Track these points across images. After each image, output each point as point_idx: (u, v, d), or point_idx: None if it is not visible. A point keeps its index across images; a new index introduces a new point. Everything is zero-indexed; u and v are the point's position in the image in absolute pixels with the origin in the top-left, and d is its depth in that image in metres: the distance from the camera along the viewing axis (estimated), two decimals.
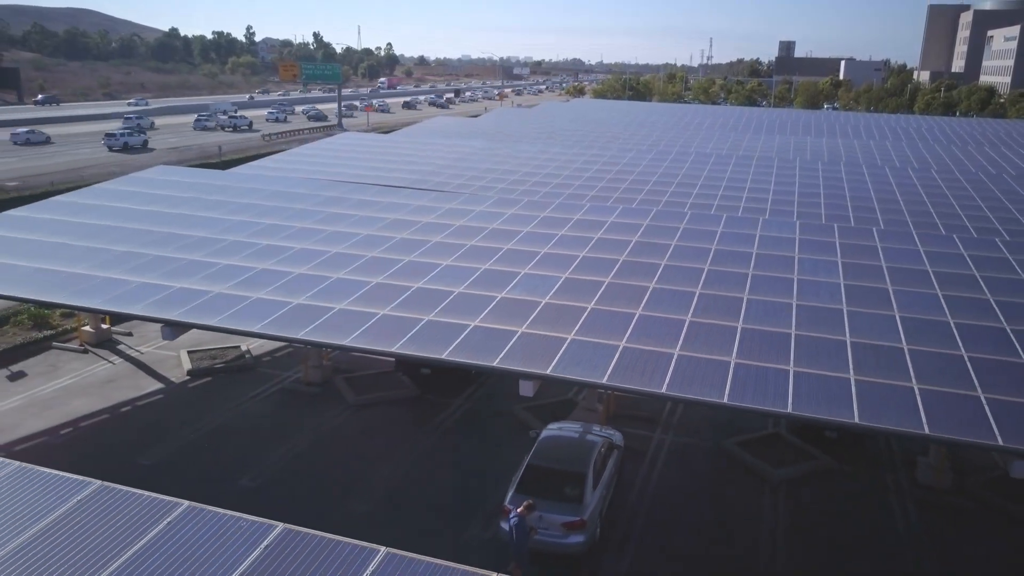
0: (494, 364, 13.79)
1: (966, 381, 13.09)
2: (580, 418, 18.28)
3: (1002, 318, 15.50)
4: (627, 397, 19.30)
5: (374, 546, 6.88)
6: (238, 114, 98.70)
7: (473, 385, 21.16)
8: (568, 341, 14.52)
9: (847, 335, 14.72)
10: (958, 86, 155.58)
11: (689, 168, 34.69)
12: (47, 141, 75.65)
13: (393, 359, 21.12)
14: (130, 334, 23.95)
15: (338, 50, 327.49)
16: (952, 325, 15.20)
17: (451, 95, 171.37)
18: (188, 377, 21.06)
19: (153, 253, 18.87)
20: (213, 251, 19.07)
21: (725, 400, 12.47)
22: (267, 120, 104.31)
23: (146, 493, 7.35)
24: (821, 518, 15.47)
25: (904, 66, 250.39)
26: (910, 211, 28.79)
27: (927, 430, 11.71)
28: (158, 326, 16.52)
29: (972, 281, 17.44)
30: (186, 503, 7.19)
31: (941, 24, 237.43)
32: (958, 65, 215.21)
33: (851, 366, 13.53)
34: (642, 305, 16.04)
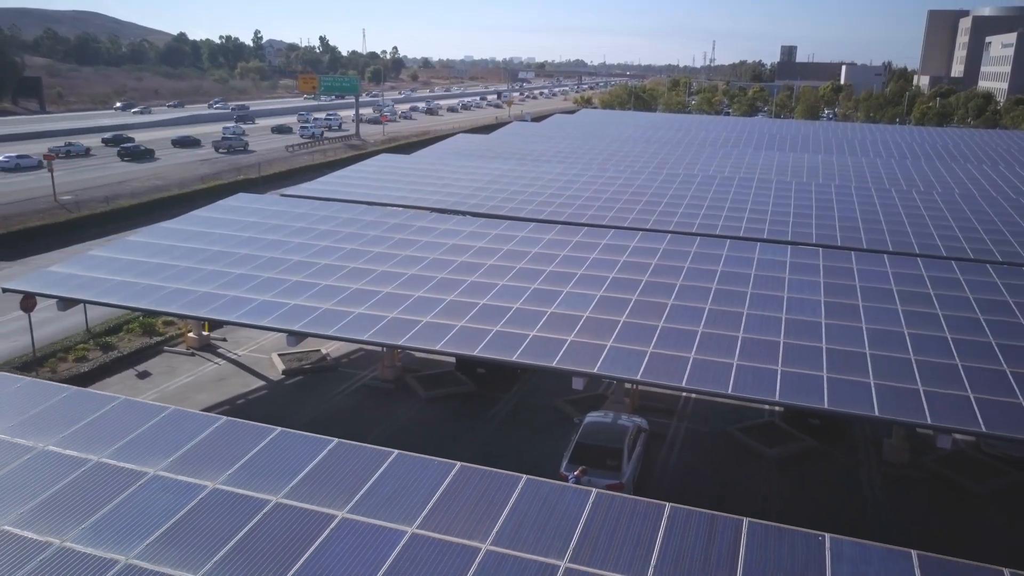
0: (553, 364, 18.13)
1: (910, 378, 17.40)
2: (611, 409, 22.57)
3: (945, 328, 19.80)
4: (649, 392, 23.58)
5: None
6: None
7: (519, 383, 25.46)
8: (608, 347, 18.85)
9: (823, 342, 19.03)
10: (956, 92, 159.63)
11: (696, 190, 38.98)
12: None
13: (453, 360, 25.55)
14: (224, 339, 28.31)
15: (344, 53, 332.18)
16: (906, 335, 19.50)
17: (453, 102, 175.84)
18: (283, 376, 25.39)
19: (263, 275, 23.23)
20: (310, 273, 23.43)
21: (729, 391, 16.80)
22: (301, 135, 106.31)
23: (364, 445, 11.60)
24: (805, 486, 19.75)
25: (905, 69, 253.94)
26: (890, 231, 33.03)
27: (876, 413, 16.02)
28: (247, 332, 20.84)
29: (927, 299, 21.73)
30: (395, 452, 11.44)
31: (941, 29, 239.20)
32: (957, 70, 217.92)
33: (824, 366, 17.85)
34: (663, 319, 20.36)
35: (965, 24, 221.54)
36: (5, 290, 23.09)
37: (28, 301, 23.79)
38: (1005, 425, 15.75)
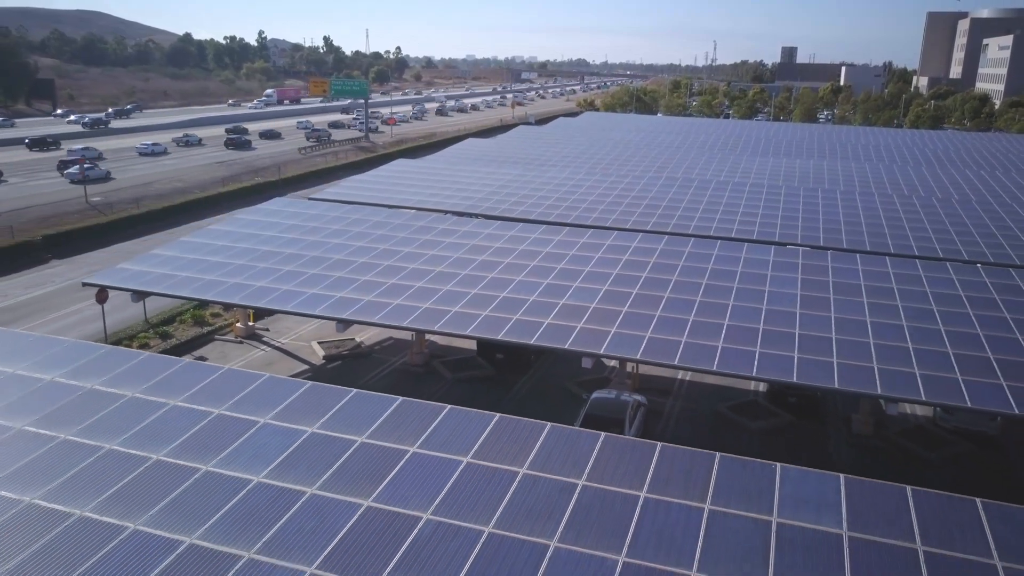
0: (565, 347, 21.36)
1: (867, 358, 20.59)
2: (615, 388, 25.76)
3: (902, 317, 22.99)
4: (647, 374, 26.77)
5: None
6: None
7: (532, 367, 28.66)
8: (612, 333, 22.06)
9: (796, 329, 22.23)
10: (954, 93, 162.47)
11: (693, 194, 42.18)
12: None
13: (475, 348, 28.76)
14: (267, 329, 31.56)
15: (347, 53, 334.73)
16: (867, 323, 22.69)
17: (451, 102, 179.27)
18: (324, 361, 28.62)
19: (309, 271, 26.47)
20: (350, 270, 26.66)
21: (714, 368, 20.01)
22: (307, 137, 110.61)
23: (424, 402, 14.75)
24: (782, 453, 22.90)
25: (905, 70, 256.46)
26: (868, 232, 36.20)
27: (836, 385, 19.22)
28: (287, 323, 23.93)
29: (890, 292, 24.92)
30: (448, 406, 14.59)
31: (940, 31, 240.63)
32: (956, 72, 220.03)
33: (796, 348, 21.04)
34: (659, 309, 23.57)
35: (964, 26, 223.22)
36: (84, 284, 26.35)
37: (101, 294, 27.06)
38: (943, 395, 18.96)
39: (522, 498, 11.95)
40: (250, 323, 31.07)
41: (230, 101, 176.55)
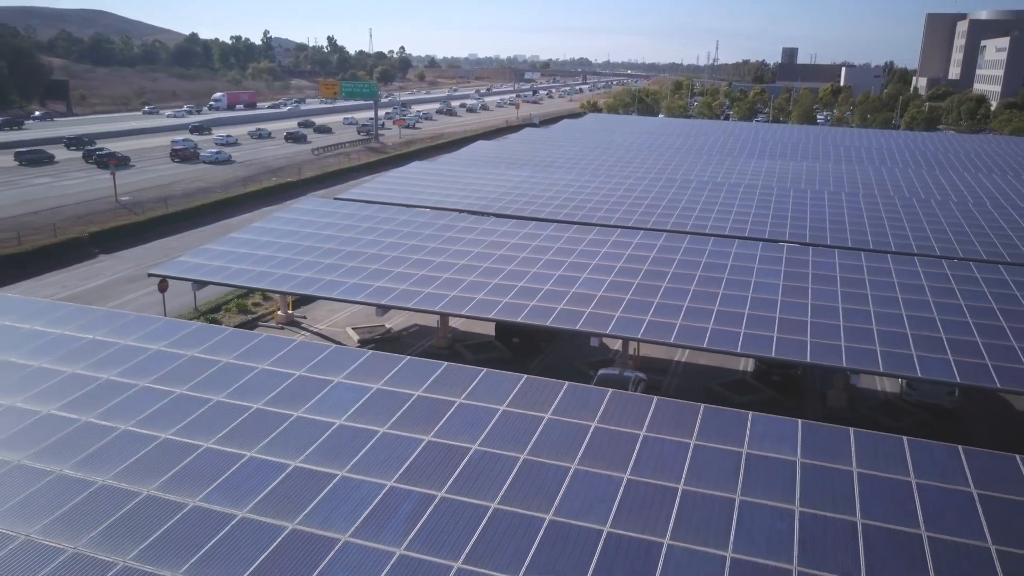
0: (576, 327, 24.70)
1: (837, 337, 23.92)
2: (618, 366, 29.09)
3: (870, 304, 26.31)
4: (647, 356, 30.08)
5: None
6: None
7: (544, 351, 32.00)
8: (616, 316, 25.41)
9: (777, 313, 25.56)
10: (952, 94, 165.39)
11: (691, 194, 45.49)
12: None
13: (493, 333, 32.10)
14: (304, 317, 34.92)
15: (351, 53, 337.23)
16: (840, 309, 26.01)
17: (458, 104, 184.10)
18: (359, 345, 31.98)
19: (348, 264, 29.84)
20: (385, 263, 30.02)
21: (704, 345, 23.34)
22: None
23: (464, 366, 18.06)
24: None
25: (905, 70, 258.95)
26: (851, 230, 39.49)
27: (808, 359, 22.56)
28: (322, 312, 27.17)
29: (862, 282, 28.23)
30: (484, 369, 17.92)
31: (939, 32, 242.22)
32: (955, 72, 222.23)
33: (775, 329, 24.38)
34: (658, 297, 26.91)
35: (962, 27, 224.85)
36: (150, 275, 29.75)
37: (163, 284, 30.44)
38: (898, 368, 22.28)
39: (548, 435, 15.29)
40: (290, 311, 34.44)
41: (146, 108, 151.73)
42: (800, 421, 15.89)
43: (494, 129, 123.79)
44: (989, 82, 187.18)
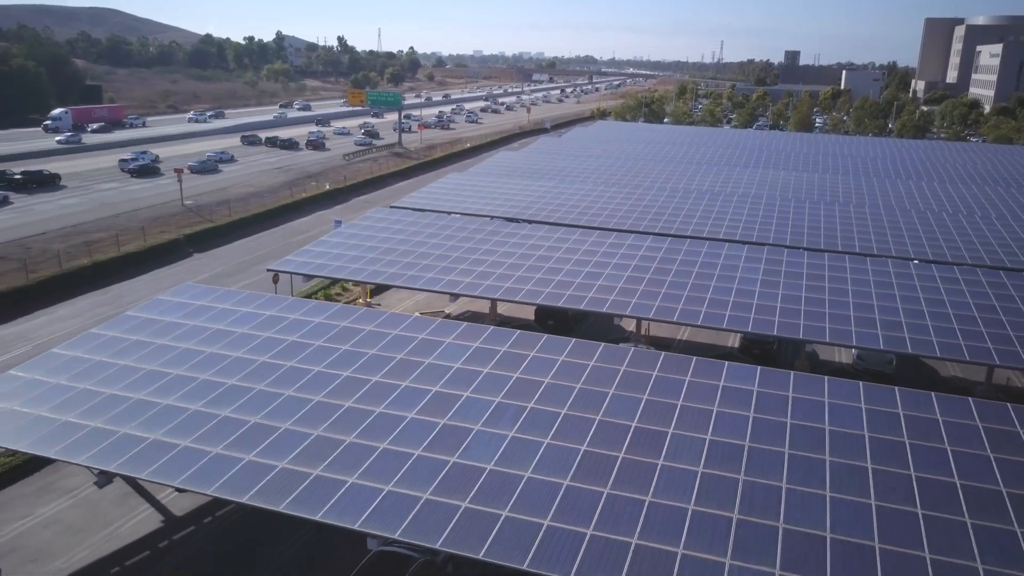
0: (603, 310, 33.03)
1: (797, 316, 32.16)
2: (633, 342, 37.32)
3: (826, 292, 34.54)
4: (655, 335, 38.28)
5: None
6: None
7: (574, 331, 40.23)
8: (632, 302, 33.71)
9: (755, 300, 33.82)
10: (948, 97, 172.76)
11: (692, 203, 53.71)
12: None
13: (533, 317, 40.41)
14: (379, 304, 43.22)
15: (361, 53, 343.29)
16: (803, 298, 34.24)
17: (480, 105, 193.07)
18: None
19: (422, 262, 38.17)
20: (450, 261, 38.33)
21: (699, 323, 31.66)
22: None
23: (530, 332, 26.26)
24: None
25: (906, 72, 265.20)
26: (825, 234, 47.64)
27: (775, 333, 30.83)
28: (393, 300, 35.42)
29: (822, 277, 36.43)
30: (545, 335, 26.13)
31: (937, 36, 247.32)
32: (952, 76, 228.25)
33: (752, 310, 32.64)
34: (664, 287, 35.20)
35: (960, 32, 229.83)
36: (268, 270, 38.11)
37: (275, 277, 38.79)
38: (839, 338, 30.48)
39: (593, 375, 23.59)
40: (368, 300, 42.77)
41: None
42: (759, 368, 24.17)
43: (508, 135, 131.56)
44: (984, 87, 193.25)
